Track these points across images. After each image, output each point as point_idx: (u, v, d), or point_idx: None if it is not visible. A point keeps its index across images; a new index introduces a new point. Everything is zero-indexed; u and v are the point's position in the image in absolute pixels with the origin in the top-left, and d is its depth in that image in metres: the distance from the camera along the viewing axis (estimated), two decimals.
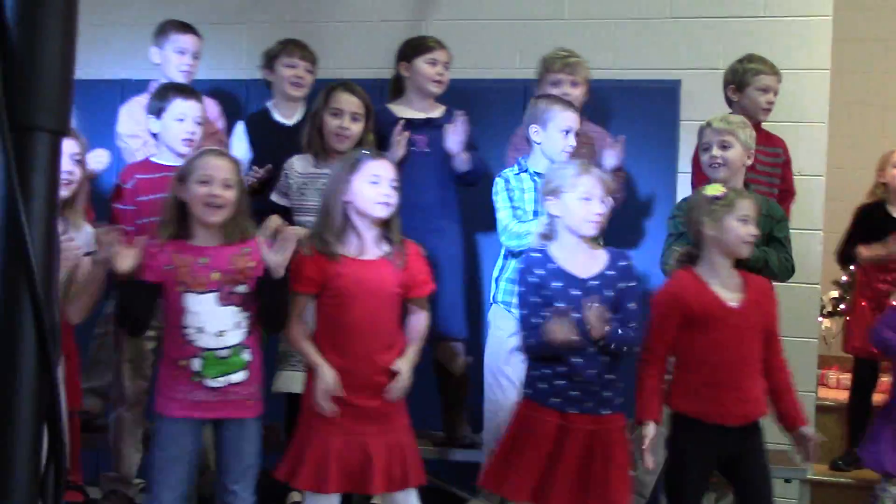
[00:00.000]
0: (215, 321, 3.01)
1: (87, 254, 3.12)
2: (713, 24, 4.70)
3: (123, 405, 3.69)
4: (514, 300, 3.48)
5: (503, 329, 3.64)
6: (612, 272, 3.14)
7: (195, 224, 3.05)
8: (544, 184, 3.17)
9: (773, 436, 4.23)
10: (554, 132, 3.62)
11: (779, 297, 3.33)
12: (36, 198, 1.08)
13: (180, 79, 4.02)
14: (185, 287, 2.99)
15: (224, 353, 3.01)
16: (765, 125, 4.12)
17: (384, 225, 3.14)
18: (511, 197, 3.65)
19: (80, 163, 3.20)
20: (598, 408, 3.07)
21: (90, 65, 4.31)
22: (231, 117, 4.35)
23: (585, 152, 3.78)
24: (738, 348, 3.12)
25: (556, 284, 3.09)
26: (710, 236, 3.13)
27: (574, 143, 3.65)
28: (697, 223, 3.17)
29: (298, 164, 3.69)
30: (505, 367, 3.64)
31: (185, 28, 4.11)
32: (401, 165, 3.53)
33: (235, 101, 4.70)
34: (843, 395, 5.26)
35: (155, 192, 3.41)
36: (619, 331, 3.04)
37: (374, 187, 3.06)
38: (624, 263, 3.17)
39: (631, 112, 4.42)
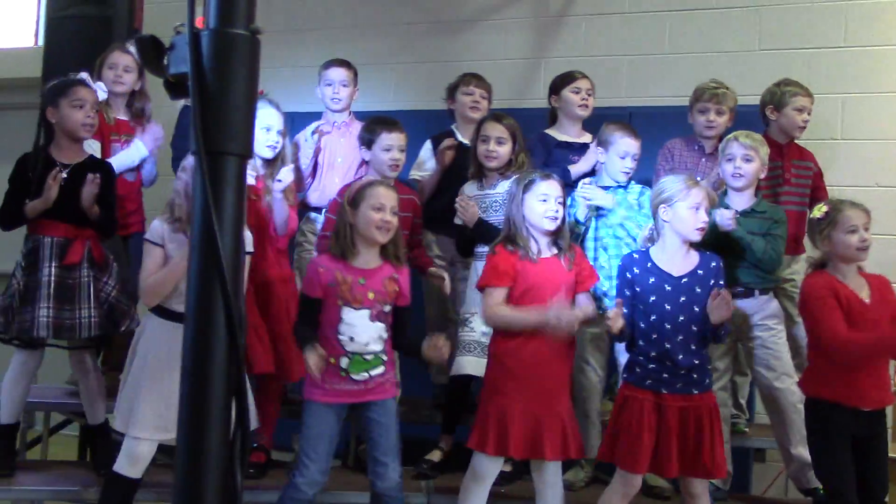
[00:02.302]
0: (365, 334, 3.03)
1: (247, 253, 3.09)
2: (798, 54, 4.55)
3: None
4: None
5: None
6: (702, 272, 3.07)
7: (359, 244, 3.07)
8: (656, 193, 3.12)
9: None
10: (614, 155, 3.57)
11: None
12: (226, 210, 1.10)
13: (333, 107, 4.07)
14: (344, 302, 3.03)
15: (368, 356, 3.04)
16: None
17: (556, 232, 3.16)
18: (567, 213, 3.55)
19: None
20: (688, 388, 3.00)
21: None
22: None
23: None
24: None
25: (651, 280, 3.05)
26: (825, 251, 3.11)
27: (632, 167, 3.58)
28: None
29: (468, 189, 3.73)
30: (586, 354, 3.62)
31: (331, 63, 4.12)
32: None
33: None
34: None
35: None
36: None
37: (543, 205, 3.10)
38: (714, 265, 3.10)
39: (726, 135, 4.28)
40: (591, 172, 3.81)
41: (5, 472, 3.47)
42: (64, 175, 3.34)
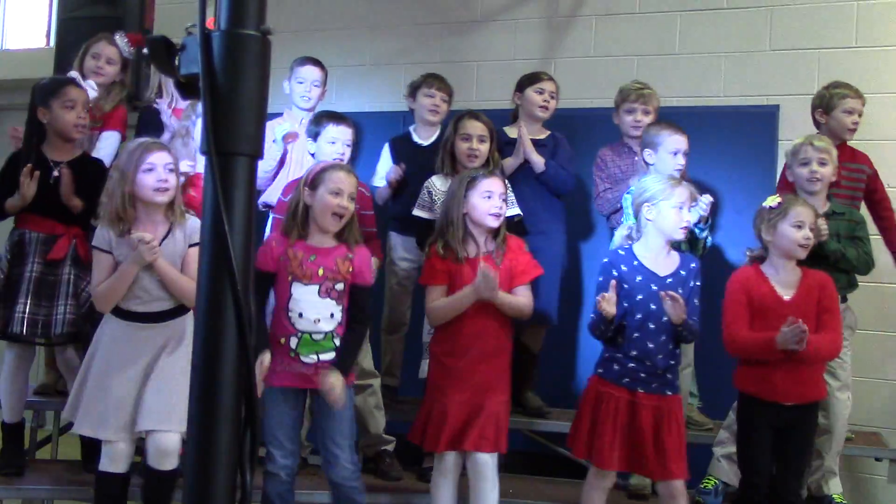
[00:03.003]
0: (313, 310, 3.02)
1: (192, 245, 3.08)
2: (808, 54, 4.54)
3: None
4: None
5: None
6: (684, 272, 3.10)
7: (311, 227, 3.06)
8: (639, 192, 3.12)
9: (863, 418, 4.05)
10: (664, 154, 3.55)
11: (877, 297, 3.17)
12: (236, 210, 1.10)
13: (302, 105, 4.04)
14: (293, 277, 3.01)
15: (318, 336, 3.02)
16: (854, 143, 3.93)
17: (495, 231, 3.19)
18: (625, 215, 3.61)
19: (174, 171, 3.08)
20: (662, 388, 3.03)
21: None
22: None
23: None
24: None
25: (638, 279, 3.06)
26: (766, 241, 3.12)
27: (683, 163, 3.56)
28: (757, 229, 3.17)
29: (439, 182, 3.72)
30: None
31: (306, 61, 4.09)
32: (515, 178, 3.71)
33: (396, 129, 4.76)
34: None
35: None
36: (690, 321, 3.01)
37: (487, 202, 3.12)
38: (694, 265, 3.14)
39: (736, 134, 4.29)
40: (520, 169, 3.83)
41: (12, 470, 3.47)
42: (55, 174, 3.35)
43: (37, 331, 3.31)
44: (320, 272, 3.01)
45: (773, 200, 3.14)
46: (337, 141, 3.58)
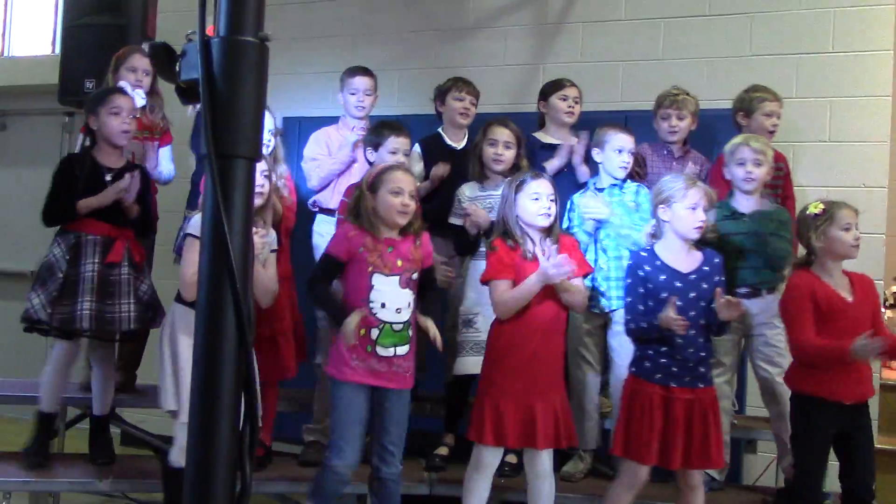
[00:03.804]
0: (396, 300, 3.02)
1: (273, 251, 3.15)
2: (787, 59, 4.55)
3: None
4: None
5: (578, 317, 3.58)
6: (707, 268, 3.08)
7: (377, 224, 3.06)
8: (656, 193, 3.12)
9: None
10: (610, 152, 3.57)
11: None
12: (235, 211, 1.10)
13: (356, 114, 4.06)
14: (374, 268, 3.01)
15: (398, 326, 3.03)
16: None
17: (548, 229, 3.16)
18: (570, 217, 3.62)
19: (269, 177, 3.15)
20: (694, 382, 3.00)
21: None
22: None
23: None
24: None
25: (662, 278, 3.04)
26: (818, 247, 3.09)
27: (629, 161, 3.58)
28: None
29: (468, 190, 3.72)
30: (583, 350, 3.61)
31: (357, 72, 4.10)
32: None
33: None
34: None
35: None
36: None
37: (535, 203, 3.11)
38: (717, 261, 3.11)
39: (718, 137, 4.28)
40: (564, 169, 3.83)
41: (38, 459, 3.49)
42: (108, 178, 3.41)
43: (104, 327, 3.35)
44: (399, 263, 3.03)
45: (816, 207, 3.11)
46: (398, 151, 3.63)
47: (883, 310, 4.80)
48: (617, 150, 3.56)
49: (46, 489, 3.62)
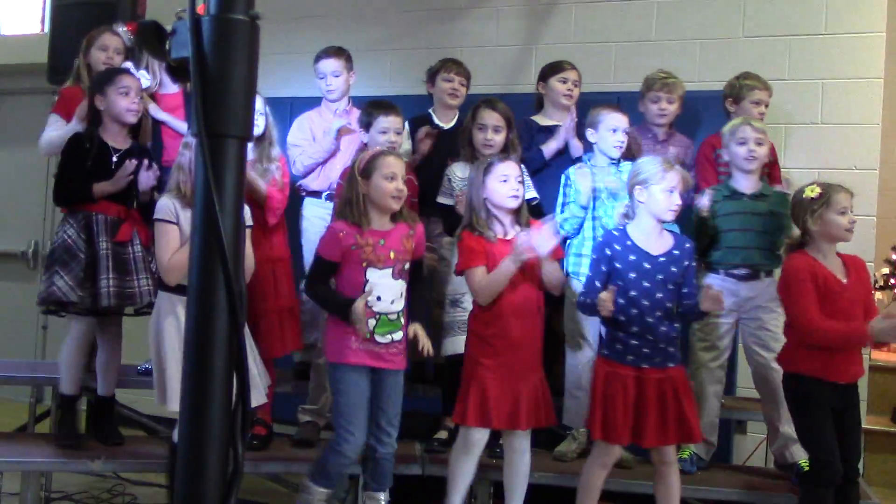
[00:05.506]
0: (390, 292, 3.04)
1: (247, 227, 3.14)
2: (779, 41, 4.54)
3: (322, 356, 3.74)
4: (582, 270, 3.47)
5: (573, 297, 3.59)
6: (677, 252, 3.10)
7: (371, 212, 3.06)
8: (633, 174, 3.12)
9: None
10: (604, 132, 3.57)
11: None
12: (227, 191, 1.09)
13: (329, 97, 4.04)
14: (368, 263, 3.02)
15: (392, 316, 3.05)
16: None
17: (517, 211, 3.18)
18: (566, 192, 3.62)
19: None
20: (664, 362, 3.04)
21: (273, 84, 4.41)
22: None
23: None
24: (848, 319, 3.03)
25: (631, 258, 3.06)
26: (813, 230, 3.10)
27: (623, 140, 3.58)
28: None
29: (459, 170, 3.71)
30: (582, 329, 3.62)
31: (321, 55, 4.06)
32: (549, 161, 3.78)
33: None
34: (894, 357, 5.05)
35: None
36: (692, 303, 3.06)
37: (503, 185, 3.11)
38: (689, 245, 3.13)
39: (710, 118, 4.28)
40: (564, 151, 3.84)
41: (70, 442, 3.51)
42: (115, 159, 3.44)
43: (124, 302, 3.42)
44: (391, 255, 3.04)
45: (813, 191, 3.10)
46: (388, 131, 3.62)
47: (872, 291, 4.83)
48: (611, 129, 3.56)
49: (38, 468, 3.61)
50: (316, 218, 3.94)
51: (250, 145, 3.41)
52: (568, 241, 3.65)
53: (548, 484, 3.42)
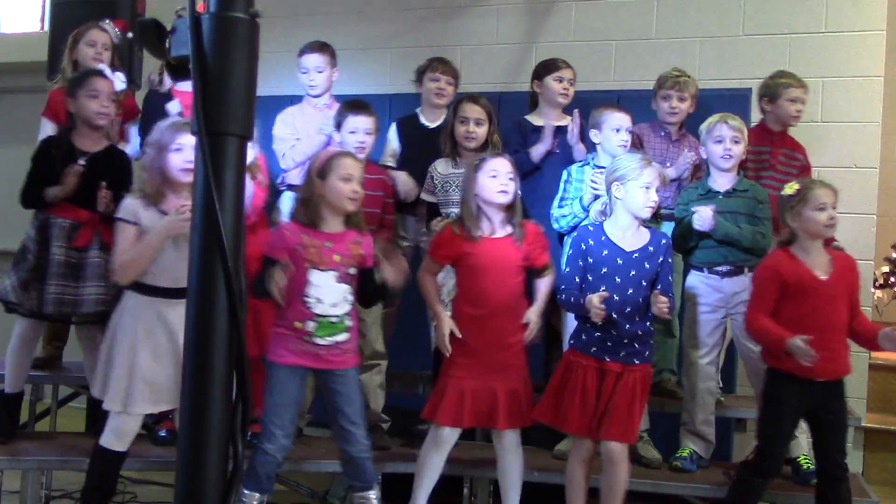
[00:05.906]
0: (332, 295, 3.01)
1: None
2: (779, 39, 4.55)
3: None
4: None
5: None
6: (652, 248, 3.10)
7: (325, 213, 3.04)
8: (611, 170, 3.14)
9: None
10: (608, 131, 3.57)
11: None
12: (227, 189, 1.09)
13: (310, 93, 4.00)
14: (311, 264, 3.00)
15: (334, 319, 3.02)
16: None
17: (509, 209, 3.17)
18: (565, 188, 3.62)
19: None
20: (629, 357, 3.06)
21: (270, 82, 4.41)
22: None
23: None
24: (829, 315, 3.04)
25: (605, 253, 3.09)
26: (794, 227, 3.09)
27: (627, 139, 3.58)
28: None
29: (440, 167, 3.71)
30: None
31: (304, 50, 4.02)
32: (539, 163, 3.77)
33: (383, 113, 4.73)
34: (893, 356, 5.03)
35: None
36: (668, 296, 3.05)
37: (493, 180, 3.12)
38: (664, 242, 3.14)
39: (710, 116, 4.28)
40: (556, 151, 3.83)
41: (3, 438, 3.48)
42: (82, 163, 3.36)
43: (64, 309, 3.33)
44: (336, 258, 3.01)
45: (791, 188, 3.12)
46: (357, 130, 3.57)
47: (872, 290, 4.82)
48: (615, 129, 3.56)
49: (38, 467, 3.61)
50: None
51: None
52: (564, 239, 3.65)
53: (548, 482, 3.41)
